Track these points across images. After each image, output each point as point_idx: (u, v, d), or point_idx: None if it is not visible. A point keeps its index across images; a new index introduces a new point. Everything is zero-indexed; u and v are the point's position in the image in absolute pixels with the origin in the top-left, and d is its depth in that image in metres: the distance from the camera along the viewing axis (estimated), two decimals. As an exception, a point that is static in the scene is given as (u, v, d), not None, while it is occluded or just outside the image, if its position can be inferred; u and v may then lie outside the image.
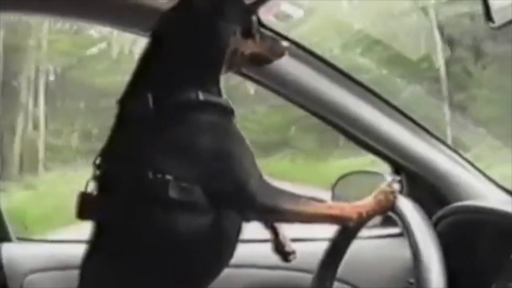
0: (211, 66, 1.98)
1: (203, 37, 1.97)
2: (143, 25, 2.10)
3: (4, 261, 2.74)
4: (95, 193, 1.96)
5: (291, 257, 2.20)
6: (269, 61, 2.16)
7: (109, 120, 2.00)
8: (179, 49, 1.97)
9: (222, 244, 1.94)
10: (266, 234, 2.21)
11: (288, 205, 1.93)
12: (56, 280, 2.71)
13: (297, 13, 2.74)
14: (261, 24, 2.42)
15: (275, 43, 2.15)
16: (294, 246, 2.20)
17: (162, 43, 2.00)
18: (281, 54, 2.16)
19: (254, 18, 2.08)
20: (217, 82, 1.99)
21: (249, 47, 2.05)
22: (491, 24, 1.56)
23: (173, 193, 1.85)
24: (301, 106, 2.67)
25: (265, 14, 2.49)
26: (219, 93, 1.99)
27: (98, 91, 11.89)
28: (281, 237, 2.19)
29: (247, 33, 2.04)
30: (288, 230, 2.19)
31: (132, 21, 2.48)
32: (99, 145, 2.01)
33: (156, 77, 1.96)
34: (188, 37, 1.97)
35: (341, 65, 2.67)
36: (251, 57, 2.08)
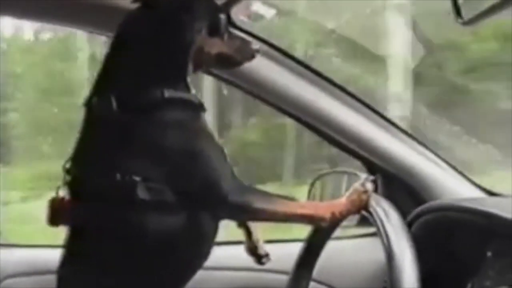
0: (175, 63, 1.95)
1: (167, 33, 1.93)
2: (109, 26, 2.07)
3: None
4: (66, 198, 1.94)
5: (265, 259, 2.18)
6: (237, 63, 2.11)
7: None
8: (142, 46, 1.94)
9: (196, 244, 1.93)
10: (241, 235, 2.20)
11: (260, 204, 1.91)
12: (33, 285, 2.70)
13: (269, 13, 2.72)
14: (233, 24, 2.41)
15: (244, 44, 2.10)
16: (268, 247, 2.19)
17: (126, 41, 1.97)
18: (251, 56, 2.11)
19: (222, 16, 2.04)
20: (183, 78, 1.95)
21: (216, 47, 2.02)
22: (460, 20, 1.56)
23: (142, 194, 1.83)
24: (275, 106, 2.66)
25: (238, 14, 2.48)
26: (187, 89, 1.96)
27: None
28: (254, 238, 2.17)
29: (214, 32, 2.01)
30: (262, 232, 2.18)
31: (98, 22, 2.46)
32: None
33: (119, 77, 1.94)
34: (152, 34, 1.94)
35: (315, 65, 2.66)
36: (219, 58, 2.04)
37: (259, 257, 2.18)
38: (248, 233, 2.17)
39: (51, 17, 2.58)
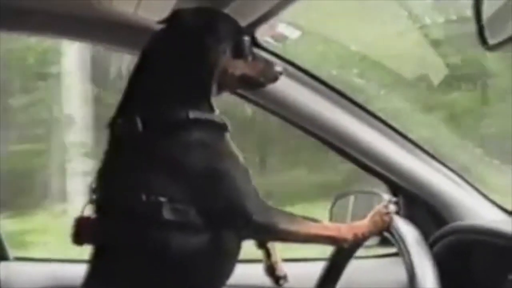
0: (200, 84, 1.96)
1: (192, 54, 1.95)
2: (135, 44, 2.10)
3: (1, 279, 2.74)
4: (92, 217, 1.97)
5: (282, 281, 2.19)
6: (261, 84, 2.12)
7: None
8: (167, 67, 1.96)
9: (220, 263, 1.94)
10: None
11: (284, 225, 1.93)
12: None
13: (294, 34, 2.74)
14: (258, 45, 2.42)
15: (268, 66, 2.10)
16: (290, 265, 2.20)
17: (151, 62, 1.99)
18: (274, 79, 2.11)
19: (246, 38, 2.05)
20: (207, 99, 1.97)
21: (239, 68, 2.03)
22: (485, 46, 1.57)
23: (167, 214, 1.85)
24: (299, 126, 2.66)
25: (263, 35, 2.50)
26: (211, 110, 1.97)
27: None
28: (273, 259, 2.18)
29: (238, 53, 2.02)
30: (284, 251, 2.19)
31: (124, 40, 2.49)
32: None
33: (144, 97, 1.96)
34: (177, 55, 1.96)
35: (338, 85, 2.67)
36: (242, 79, 2.04)
37: (277, 278, 2.19)
38: (268, 254, 2.18)
39: (79, 35, 2.62)
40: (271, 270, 2.19)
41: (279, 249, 2.19)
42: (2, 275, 2.75)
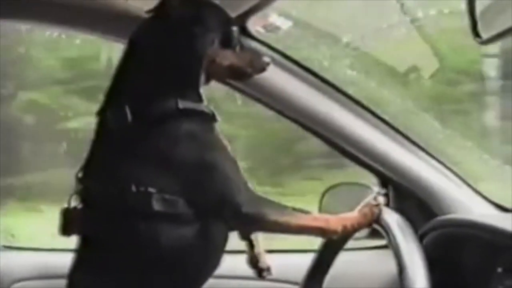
0: (188, 74, 1.96)
1: (180, 44, 1.95)
2: (124, 33, 2.08)
3: (-10, 268, 2.73)
4: (78, 207, 1.96)
5: (265, 273, 2.19)
6: (248, 75, 2.11)
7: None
8: (155, 56, 1.95)
9: (208, 254, 1.94)
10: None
11: (273, 216, 1.93)
12: (41, 289, 2.71)
13: (286, 24, 2.73)
14: (249, 35, 2.42)
15: (256, 57, 2.11)
16: (279, 257, 2.20)
17: (139, 51, 1.98)
18: (261, 69, 2.11)
19: (234, 29, 2.05)
20: (196, 89, 1.97)
21: (227, 59, 2.02)
22: (478, 39, 1.57)
23: (157, 205, 1.85)
24: (290, 118, 2.66)
25: (254, 26, 2.49)
26: (199, 100, 1.97)
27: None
28: (256, 251, 2.18)
29: (226, 44, 2.02)
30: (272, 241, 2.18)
31: (113, 29, 2.48)
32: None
33: (133, 87, 1.95)
34: (165, 44, 1.95)
35: (329, 77, 2.67)
36: (230, 69, 2.04)
37: (260, 270, 2.19)
38: (251, 245, 2.18)
39: (65, 24, 2.60)
40: (254, 261, 2.19)
41: (265, 241, 2.19)
42: (-10, 264, 2.74)
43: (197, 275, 1.96)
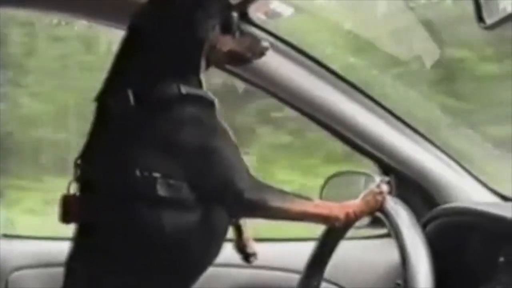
0: (189, 59, 1.95)
1: (180, 29, 1.94)
2: (121, 19, 2.07)
3: (-11, 257, 2.72)
4: (77, 194, 1.94)
5: (252, 258, 2.19)
6: (247, 60, 2.12)
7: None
8: (157, 42, 1.94)
9: (210, 240, 1.93)
10: (253, 233, 2.20)
11: (275, 202, 1.92)
12: (42, 277, 2.70)
13: (287, 11, 2.72)
14: (250, 21, 2.41)
15: (255, 42, 2.11)
16: (280, 245, 2.19)
17: (140, 36, 1.97)
18: (261, 54, 2.12)
19: (234, 14, 2.05)
20: (197, 74, 1.97)
21: (227, 44, 2.03)
22: (482, 24, 1.56)
23: (161, 190, 1.84)
24: (291, 105, 2.65)
25: (256, 12, 2.48)
26: (200, 85, 1.97)
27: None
28: (244, 237, 2.18)
29: (226, 29, 2.02)
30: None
31: (110, 15, 2.46)
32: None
33: (135, 71, 1.94)
34: (166, 29, 1.95)
35: (331, 64, 2.66)
36: (229, 55, 2.05)
37: (247, 256, 2.19)
38: (239, 232, 2.17)
39: (63, 11, 2.59)
40: (241, 247, 2.19)
41: (266, 230, 2.19)
42: (-11, 252, 2.73)
43: (198, 262, 1.95)
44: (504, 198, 2.61)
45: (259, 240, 2.23)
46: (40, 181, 5.15)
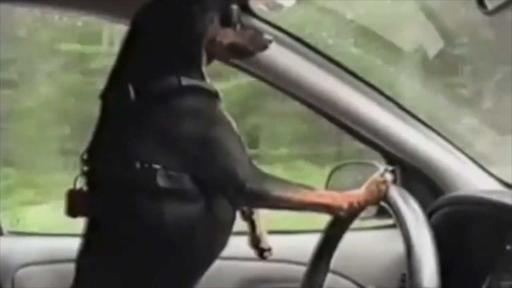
0: (189, 52, 1.97)
1: (179, 23, 1.96)
2: (126, 14, 2.08)
3: (-4, 254, 2.73)
4: (84, 189, 1.96)
5: (267, 253, 2.19)
6: (250, 53, 2.13)
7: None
8: (157, 36, 1.96)
9: (214, 232, 1.94)
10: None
11: (277, 192, 1.92)
12: (48, 274, 2.71)
13: (288, 2, 2.71)
14: (251, 13, 2.41)
15: (257, 35, 2.11)
16: (286, 238, 2.19)
17: (141, 31, 1.99)
18: (263, 47, 2.12)
19: (234, 7, 2.05)
20: (198, 67, 1.97)
21: (228, 37, 2.03)
22: (483, 10, 1.55)
23: (161, 182, 1.85)
24: (295, 96, 2.65)
25: (257, 4, 2.48)
26: (202, 78, 1.97)
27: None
28: (258, 232, 2.17)
29: (226, 22, 2.03)
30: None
31: (115, 11, 2.47)
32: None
33: (136, 66, 1.96)
34: (166, 24, 1.96)
35: (334, 54, 2.65)
36: (231, 48, 2.05)
37: (261, 251, 2.19)
38: (252, 226, 2.17)
39: (67, 6, 2.59)
40: (255, 242, 2.18)
41: (270, 222, 2.18)
42: (-4, 249, 2.74)
43: (204, 254, 1.96)
44: (509, 186, 2.61)
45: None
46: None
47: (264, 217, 2.18)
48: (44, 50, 5.94)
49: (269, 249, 2.19)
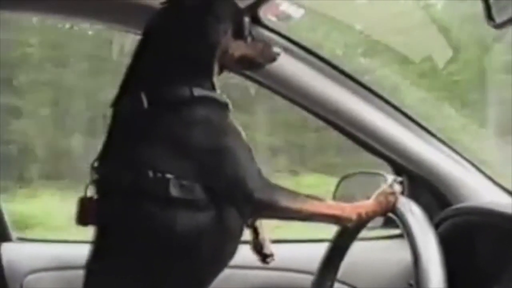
0: (202, 63, 1.98)
1: (193, 34, 1.97)
2: (136, 24, 2.09)
3: (4, 261, 2.73)
4: (94, 197, 1.97)
5: (269, 259, 2.20)
6: (259, 65, 2.15)
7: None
8: (170, 46, 1.97)
9: (223, 241, 1.95)
10: (269, 235, 2.21)
11: (286, 202, 1.92)
12: (56, 280, 2.71)
13: (297, 13, 2.72)
14: (261, 23, 2.42)
15: (266, 48, 2.14)
16: (294, 247, 2.19)
17: (154, 40, 2.01)
18: (272, 59, 2.15)
19: (246, 20, 2.08)
20: (210, 77, 1.99)
21: (239, 49, 2.06)
22: (491, 23, 1.56)
23: (174, 191, 1.86)
24: (303, 107, 2.65)
25: (266, 14, 2.49)
26: (213, 88, 1.99)
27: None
28: (260, 238, 2.18)
29: (238, 34, 2.05)
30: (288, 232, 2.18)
31: (125, 20, 2.48)
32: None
33: (148, 75, 1.97)
34: (179, 34, 1.98)
35: (343, 65, 2.66)
36: (242, 60, 2.07)
37: (264, 256, 2.20)
38: (255, 232, 2.18)
39: (79, 15, 2.60)
40: (258, 248, 2.19)
41: (278, 231, 2.18)
42: (4, 256, 2.74)
43: (212, 263, 1.96)
44: (515, 194, 2.61)
45: (273, 241, 2.23)
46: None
47: (268, 224, 2.19)
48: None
49: (271, 255, 2.20)
